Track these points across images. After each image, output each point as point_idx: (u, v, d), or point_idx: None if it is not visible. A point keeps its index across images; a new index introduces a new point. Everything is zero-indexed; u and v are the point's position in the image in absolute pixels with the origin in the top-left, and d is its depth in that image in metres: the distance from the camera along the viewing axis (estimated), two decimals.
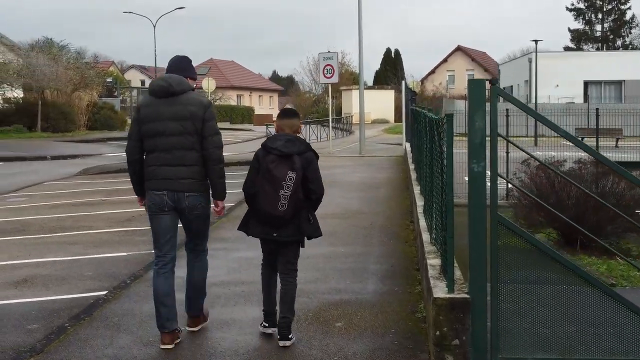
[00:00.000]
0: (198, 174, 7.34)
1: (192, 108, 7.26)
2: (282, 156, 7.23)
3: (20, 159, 33.26)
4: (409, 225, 13.51)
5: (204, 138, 7.26)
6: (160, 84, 7.35)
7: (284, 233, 7.31)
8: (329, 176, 22.57)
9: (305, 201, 7.36)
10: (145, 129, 7.32)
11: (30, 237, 14.24)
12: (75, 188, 22.30)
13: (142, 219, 15.88)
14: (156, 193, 7.40)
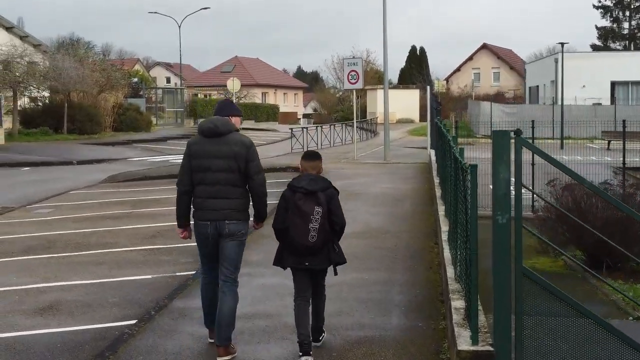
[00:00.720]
0: (239, 206, 8.17)
1: (236, 148, 8.07)
2: (308, 193, 8.05)
3: (46, 163, 33.49)
4: (433, 247, 13.45)
5: (249, 177, 8.12)
6: (209, 126, 8.22)
7: (315, 261, 8.20)
8: (353, 186, 22.57)
9: (331, 232, 8.18)
10: (195, 165, 8.16)
11: (56, 256, 14.32)
12: (100, 198, 22.41)
13: (167, 235, 15.98)
14: (202, 223, 8.26)
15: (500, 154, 6.30)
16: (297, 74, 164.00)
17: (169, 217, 17.96)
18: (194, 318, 9.83)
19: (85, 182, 26.99)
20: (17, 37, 62.51)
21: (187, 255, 14.05)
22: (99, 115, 47.46)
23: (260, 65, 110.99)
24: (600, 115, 49.18)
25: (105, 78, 47.97)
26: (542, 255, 14.21)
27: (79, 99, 47.04)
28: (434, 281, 11.21)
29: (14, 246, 15.37)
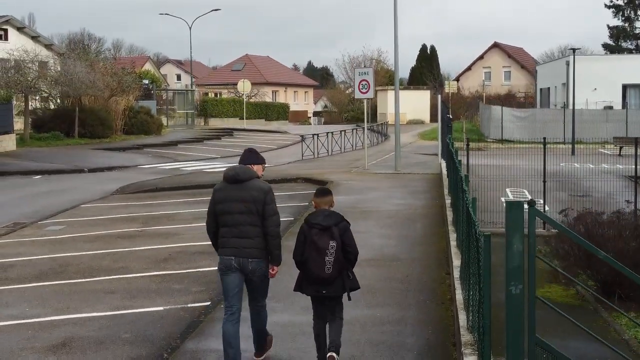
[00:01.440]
0: (259, 244, 9.09)
1: (254, 193, 9.05)
2: (323, 229, 8.92)
3: (58, 171, 33.58)
4: (444, 279, 13.44)
5: (264, 218, 9.02)
6: (231, 174, 9.23)
7: (331, 290, 9.07)
8: (364, 202, 22.54)
9: (345, 261, 9.04)
10: (219, 209, 9.18)
11: (69, 283, 14.37)
12: (111, 213, 22.46)
13: (178, 258, 16.03)
14: (226, 258, 9.13)
15: (514, 226, 6.28)
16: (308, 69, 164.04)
17: (180, 237, 18.09)
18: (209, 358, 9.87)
19: (97, 193, 27.05)
20: (29, 37, 62.81)
21: (198, 284, 14.09)
22: (110, 119, 47.52)
23: (270, 63, 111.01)
24: (611, 119, 49.05)
25: (116, 82, 48.03)
26: (554, 283, 14.16)
27: (90, 103, 47.10)
28: (446, 320, 11.20)
29: (27, 270, 15.43)
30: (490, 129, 50.29)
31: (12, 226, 20.97)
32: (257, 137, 55.81)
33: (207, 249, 16.87)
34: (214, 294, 13.31)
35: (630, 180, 27.79)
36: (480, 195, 23.23)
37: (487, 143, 49.27)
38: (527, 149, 46.05)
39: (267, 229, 9.03)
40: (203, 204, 23.50)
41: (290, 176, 29.81)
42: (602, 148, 47.18)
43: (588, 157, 40.45)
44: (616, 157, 41.84)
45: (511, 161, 36.21)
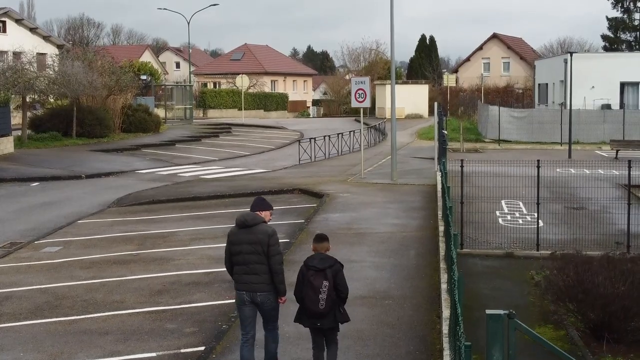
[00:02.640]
0: (266, 280, 10.72)
1: (260, 236, 10.71)
2: (318, 270, 10.44)
3: (55, 178, 33.66)
4: (435, 323, 13.57)
5: (269, 257, 10.66)
6: (241, 220, 10.90)
7: (325, 322, 10.57)
8: (358, 222, 22.64)
9: (337, 298, 10.54)
10: (232, 249, 10.91)
11: (64, 321, 14.50)
12: (107, 232, 22.56)
13: (172, 291, 16.17)
14: (240, 292, 10.86)
15: (494, 337, 6.40)
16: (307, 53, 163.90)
17: (175, 264, 18.25)
18: None
19: (93, 206, 27.15)
20: (27, 29, 62.85)
21: (191, 323, 14.21)
22: (108, 119, 47.57)
23: (269, 53, 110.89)
24: (609, 120, 49.09)
25: (114, 81, 48.04)
26: (543, 325, 14.30)
27: (87, 102, 47.13)
28: None
29: (23, 305, 15.56)
30: (487, 129, 50.33)
31: (9, 247, 21.10)
32: (254, 135, 55.87)
33: (201, 278, 17.11)
34: (207, 337, 13.44)
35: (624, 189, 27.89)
36: (476, 207, 23.39)
37: (484, 143, 49.38)
38: (524, 151, 46.32)
39: (271, 266, 10.69)
40: (199, 220, 23.71)
41: (286, 186, 29.89)
42: (599, 149, 47.28)
43: (584, 163, 40.59)
44: (612, 160, 41.91)
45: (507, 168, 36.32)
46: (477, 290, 16.90)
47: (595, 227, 22.63)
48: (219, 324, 14.13)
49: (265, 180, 32.14)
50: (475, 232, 22.08)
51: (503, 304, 15.76)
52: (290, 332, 12.86)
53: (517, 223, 24.11)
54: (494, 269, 19.32)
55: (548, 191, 27.08)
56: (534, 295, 16.08)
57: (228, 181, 32.40)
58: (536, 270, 18.93)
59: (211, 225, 23.07)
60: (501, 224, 23.92)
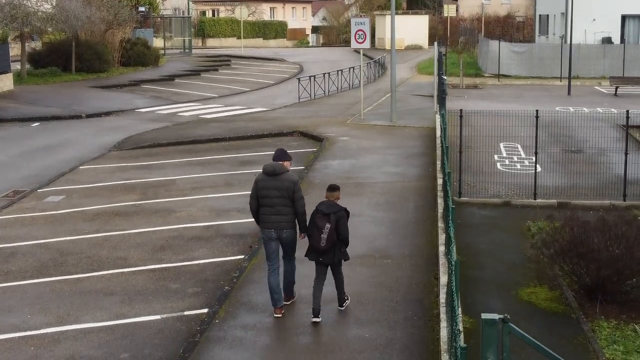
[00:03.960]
0: (290, 219, 12.54)
1: (286, 184, 12.47)
2: (323, 215, 12.25)
3: (56, 118, 33.77)
4: (433, 286, 13.86)
5: (294, 201, 12.45)
6: (270, 169, 12.59)
7: (326, 258, 12.40)
8: (358, 171, 22.83)
9: (337, 240, 12.28)
10: (260, 194, 12.55)
11: (69, 280, 14.80)
12: (109, 179, 22.80)
13: (174, 246, 16.48)
14: (267, 230, 12.60)
15: (488, 341, 6.65)
16: None
17: (177, 216, 18.53)
18: None
19: (94, 149, 27.34)
20: None
21: (194, 283, 14.51)
22: (107, 53, 47.41)
23: None
24: (609, 55, 48.91)
25: (112, 16, 47.75)
26: (539, 285, 14.58)
27: (86, 36, 46.91)
28: (431, 343, 11.66)
29: (28, 262, 15.84)
30: (487, 64, 50.17)
31: (12, 195, 21.33)
32: (254, 68, 55.69)
33: (202, 233, 17.40)
34: (210, 298, 13.75)
35: (622, 130, 28.02)
36: (475, 152, 23.59)
37: (484, 79, 49.31)
38: (524, 87, 46.32)
39: (296, 209, 12.49)
40: (199, 167, 23.93)
41: (286, 128, 30.01)
42: (599, 85, 47.25)
43: (583, 99, 40.66)
44: (612, 97, 41.96)
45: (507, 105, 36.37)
46: (475, 244, 17.17)
47: (592, 172, 22.83)
48: (221, 283, 14.43)
49: (265, 122, 32.23)
50: (474, 179, 22.31)
51: (499, 261, 16.10)
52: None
53: (515, 168, 24.30)
54: (492, 219, 19.58)
55: (546, 132, 27.18)
56: (530, 250, 16.34)
57: (227, 122, 32.49)
58: (533, 220, 19.22)
59: (211, 173, 23.28)
60: (499, 169, 24.12)
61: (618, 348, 12.21)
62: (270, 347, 11.70)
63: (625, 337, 12.67)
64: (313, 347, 11.67)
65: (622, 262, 13.62)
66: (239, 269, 14.95)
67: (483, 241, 17.58)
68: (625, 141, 21.28)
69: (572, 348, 12.07)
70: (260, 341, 11.91)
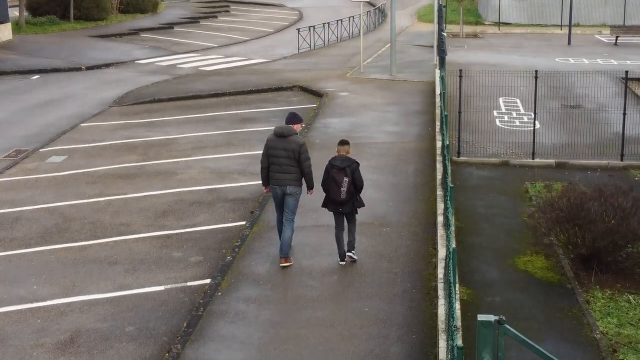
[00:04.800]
0: (295, 177, 13.66)
1: (293, 145, 13.60)
2: (340, 169, 13.46)
3: (55, 70, 33.79)
4: (432, 256, 14.10)
5: (300, 162, 13.60)
6: (279, 131, 13.76)
7: (345, 208, 13.63)
8: (358, 130, 22.98)
9: (354, 190, 13.52)
10: (270, 152, 13.74)
11: (73, 248, 15.03)
12: (111, 137, 22.95)
13: (176, 211, 16.72)
14: (274, 187, 13.78)
15: (484, 342, 6.88)
16: None
17: (179, 179, 18.76)
18: None
19: (95, 104, 27.45)
20: None
21: (196, 251, 14.75)
22: (105, 1, 47.14)
23: None
24: (610, 3, 48.67)
25: None
26: (535, 254, 14.79)
27: None
28: (430, 318, 11.93)
29: (32, 228, 16.06)
30: (488, 11, 49.95)
31: (15, 155, 21.49)
32: (253, 15, 55.48)
33: (204, 197, 17.63)
34: (212, 268, 14.01)
35: (622, 84, 28.09)
36: (474, 106, 23.70)
37: (484, 27, 49.11)
38: (524, 35, 46.17)
39: (303, 169, 13.62)
40: (200, 125, 24.08)
41: (286, 82, 30.06)
42: (599, 34, 47.09)
43: (584, 49, 40.59)
44: (612, 46, 41.90)
45: (507, 56, 36.37)
46: (473, 208, 17.38)
47: (591, 130, 22.96)
48: (223, 252, 14.67)
49: (265, 75, 32.25)
50: (473, 136, 22.46)
51: (497, 227, 16.33)
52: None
53: (514, 125, 24.45)
54: (490, 180, 19.77)
55: (545, 85, 27.24)
56: (527, 216, 16.56)
57: (227, 75, 32.50)
58: (531, 182, 19.42)
59: (212, 131, 23.41)
60: (498, 126, 24.27)
61: (612, 321, 12.46)
62: (272, 322, 11.92)
63: (619, 308, 12.92)
64: (314, 321, 11.91)
65: (617, 234, 13.84)
66: (240, 238, 15.18)
67: (481, 204, 17.78)
68: (624, 101, 21.32)
69: (567, 321, 12.33)
70: (262, 315, 12.15)
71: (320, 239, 14.94)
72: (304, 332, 11.60)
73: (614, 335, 12.03)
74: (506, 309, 12.59)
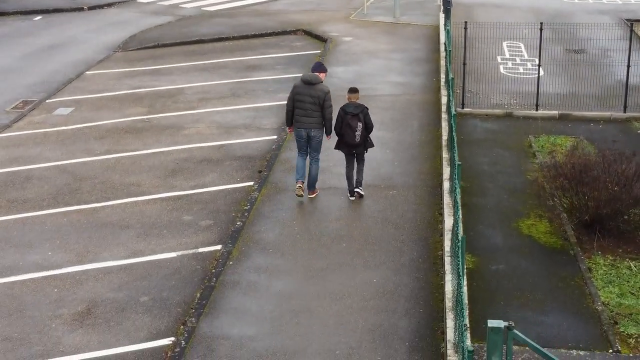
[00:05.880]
0: (318, 121, 15.04)
1: (319, 93, 14.96)
2: (353, 115, 14.92)
3: (58, 10, 33.67)
4: (437, 222, 14.40)
5: (323, 108, 14.94)
6: (307, 78, 15.14)
7: (358, 149, 15.18)
8: (362, 80, 23.02)
9: (366, 133, 15.07)
10: (296, 98, 15.09)
11: (85, 210, 15.32)
12: (117, 87, 23.08)
13: (185, 170, 16.97)
14: (299, 129, 15.13)
15: (493, 347, 7.18)
16: None
17: (186, 135, 18.98)
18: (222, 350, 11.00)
19: (99, 49, 27.47)
20: None
21: (206, 214, 15.04)
22: None
23: None
24: None
25: None
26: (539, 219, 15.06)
27: None
28: (436, 289, 12.26)
29: (43, 188, 16.32)
30: None
31: (22, 107, 21.63)
32: None
33: (212, 154, 17.92)
34: (223, 233, 14.32)
35: (627, 27, 27.97)
36: (478, 52, 23.72)
37: None
38: None
39: (324, 115, 15.00)
40: (206, 73, 24.21)
41: (289, 26, 30.00)
42: None
43: None
44: None
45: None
46: (477, 166, 17.61)
47: (594, 77, 23.02)
48: (233, 215, 14.97)
49: (268, 16, 32.12)
50: (477, 85, 22.59)
51: (501, 187, 16.60)
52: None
53: (517, 72, 24.54)
54: (493, 133, 19.98)
55: (549, 29, 27.11)
56: (531, 177, 16.82)
57: (231, 17, 32.34)
58: (534, 135, 19.64)
59: (217, 81, 23.51)
60: (502, 73, 24.37)
61: (613, 290, 12.77)
62: (283, 294, 12.24)
63: (620, 276, 13.24)
64: (324, 293, 12.24)
65: (619, 202, 14.12)
66: (249, 201, 15.45)
67: (484, 161, 18.01)
68: (628, 54, 21.34)
69: (570, 291, 12.65)
70: (273, 286, 12.47)
71: (328, 203, 15.27)
72: (315, 305, 11.93)
73: (615, 305, 12.35)
74: (511, 277, 12.95)
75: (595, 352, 11.05)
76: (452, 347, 9.86)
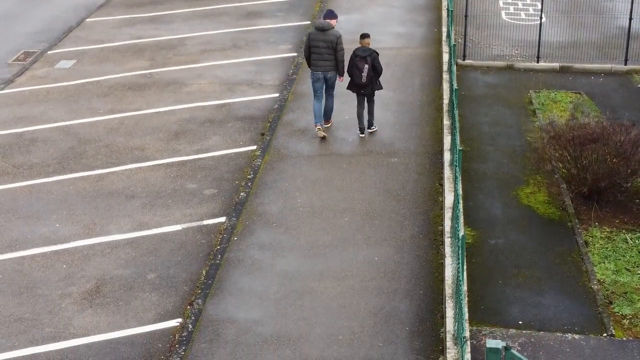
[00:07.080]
0: (333, 64, 16.57)
1: (331, 37, 16.38)
2: (361, 58, 16.23)
3: None
4: (438, 194, 14.61)
5: (336, 51, 16.44)
6: (319, 25, 16.53)
7: (366, 90, 16.53)
8: (363, 30, 22.70)
9: (374, 75, 16.38)
10: (312, 44, 16.54)
11: (90, 177, 15.53)
12: (118, 38, 23.05)
13: (189, 132, 17.15)
14: (315, 72, 16.70)
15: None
16: None
17: (189, 92, 19.15)
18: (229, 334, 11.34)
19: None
20: None
21: (210, 182, 15.26)
22: None
23: None
24: None
25: None
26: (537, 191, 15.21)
27: None
28: (436, 269, 12.55)
29: (49, 152, 16.52)
30: None
31: (23, 59, 21.66)
32: None
33: (215, 114, 18.12)
34: (227, 203, 14.56)
35: None
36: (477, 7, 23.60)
37: None
38: None
39: (337, 57, 16.48)
40: (207, 21, 24.16)
41: None
42: None
43: None
44: None
45: None
46: (477, 126, 17.75)
47: (596, 25, 22.82)
48: (236, 183, 15.19)
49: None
50: (479, 33, 22.57)
51: (501, 150, 16.75)
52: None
53: (519, 18, 24.42)
54: (494, 88, 20.06)
55: None
56: (531, 131, 17.01)
57: None
58: (535, 90, 19.74)
59: (218, 30, 23.45)
60: (504, 20, 24.27)
61: (609, 266, 13.03)
62: (287, 274, 12.51)
63: (617, 250, 13.49)
64: (327, 273, 12.51)
65: (617, 175, 14.34)
66: (252, 169, 15.65)
67: (485, 120, 18.14)
68: (630, 6, 21.21)
69: (567, 268, 12.91)
70: (277, 265, 12.73)
71: (331, 173, 15.48)
72: (318, 286, 12.22)
73: (611, 284, 12.64)
74: (509, 254, 13.21)
75: (590, 336, 11.34)
76: (451, 338, 10.17)
